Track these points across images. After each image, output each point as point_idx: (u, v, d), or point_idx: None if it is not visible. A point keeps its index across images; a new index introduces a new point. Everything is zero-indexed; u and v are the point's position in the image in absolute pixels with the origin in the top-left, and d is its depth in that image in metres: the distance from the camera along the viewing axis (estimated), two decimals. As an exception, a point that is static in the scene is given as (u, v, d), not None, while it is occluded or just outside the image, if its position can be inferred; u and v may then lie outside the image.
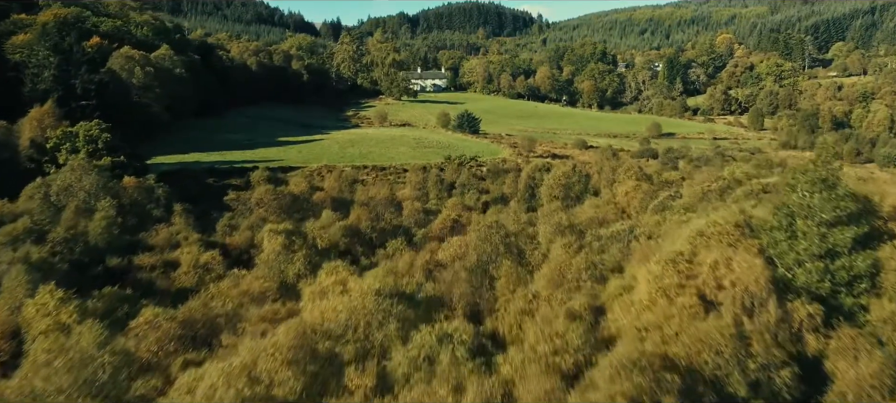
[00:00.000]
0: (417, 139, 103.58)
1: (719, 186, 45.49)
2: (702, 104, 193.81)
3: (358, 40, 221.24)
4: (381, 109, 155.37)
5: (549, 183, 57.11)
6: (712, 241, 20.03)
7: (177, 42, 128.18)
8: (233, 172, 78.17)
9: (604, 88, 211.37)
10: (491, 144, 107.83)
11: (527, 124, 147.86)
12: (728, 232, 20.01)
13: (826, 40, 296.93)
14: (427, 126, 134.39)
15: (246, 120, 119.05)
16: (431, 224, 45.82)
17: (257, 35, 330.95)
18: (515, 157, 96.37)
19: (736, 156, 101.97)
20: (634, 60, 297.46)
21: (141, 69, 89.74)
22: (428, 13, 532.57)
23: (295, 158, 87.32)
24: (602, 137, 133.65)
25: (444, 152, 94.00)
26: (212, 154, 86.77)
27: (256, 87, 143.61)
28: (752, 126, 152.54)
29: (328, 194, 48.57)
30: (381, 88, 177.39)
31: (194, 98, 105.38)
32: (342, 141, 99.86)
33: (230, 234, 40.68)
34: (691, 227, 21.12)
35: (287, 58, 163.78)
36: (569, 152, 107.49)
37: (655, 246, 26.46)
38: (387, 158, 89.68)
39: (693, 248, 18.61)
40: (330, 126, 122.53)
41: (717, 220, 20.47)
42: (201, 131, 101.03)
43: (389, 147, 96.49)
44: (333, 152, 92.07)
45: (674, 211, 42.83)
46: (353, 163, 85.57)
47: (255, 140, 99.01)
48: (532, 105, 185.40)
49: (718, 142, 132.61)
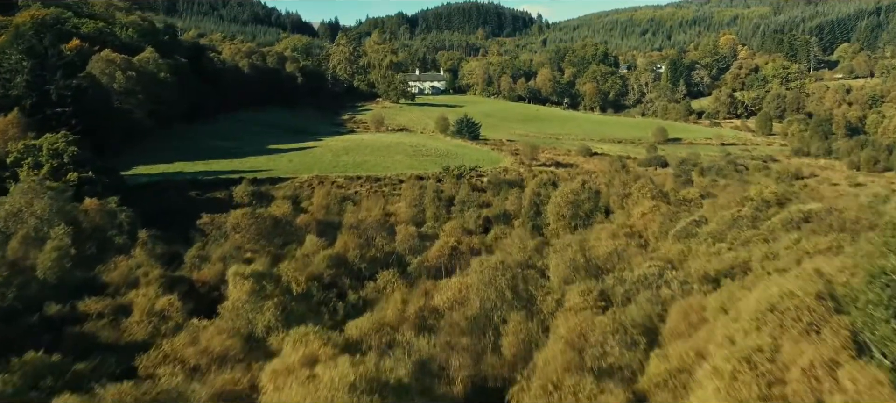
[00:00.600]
0: (415, 147, 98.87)
1: (749, 209, 40.85)
2: (707, 107, 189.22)
3: (355, 41, 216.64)
4: (378, 112, 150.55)
5: (556, 201, 52.41)
6: (788, 318, 15.34)
7: (165, 44, 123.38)
8: (217, 183, 73.39)
9: (606, 90, 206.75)
10: (491, 152, 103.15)
11: (528, 129, 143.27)
12: (809, 308, 15.31)
13: (830, 41, 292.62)
14: (425, 131, 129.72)
15: (236, 125, 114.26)
16: (428, 251, 41.12)
17: (253, 35, 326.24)
18: (517, 165, 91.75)
19: (748, 165, 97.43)
20: (636, 61, 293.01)
21: (122, 73, 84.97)
22: (427, 13, 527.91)
23: (285, 167, 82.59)
24: (606, 142, 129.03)
25: (442, 161, 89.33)
26: (197, 163, 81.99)
27: (248, 90, 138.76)
28: (761, 131, 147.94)
29: (314, 216, 43.88)
30: (378, 91, 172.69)
31: (181, 103, 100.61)
32: (336, 149, 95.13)
33: (199, 266, 35.96)
34: (758, 296, 16.37)
35: (281, 60, 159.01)
36: (573, 159, 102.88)
37: (698, 305, 21.78)
38: (382, 167, 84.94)
39: (773, 338, 13.90)
40: (324, 132, 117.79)
41: (793, 290, 15.73)
42: (188, 138, 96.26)
43: (385, 155, 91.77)
44: (326, 160, 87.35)
45: (700, 239, 38.15)
46: (345, 173, 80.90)
47: (243, 148, 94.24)
48: (533, 108, 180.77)
49: (727, 147, 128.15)
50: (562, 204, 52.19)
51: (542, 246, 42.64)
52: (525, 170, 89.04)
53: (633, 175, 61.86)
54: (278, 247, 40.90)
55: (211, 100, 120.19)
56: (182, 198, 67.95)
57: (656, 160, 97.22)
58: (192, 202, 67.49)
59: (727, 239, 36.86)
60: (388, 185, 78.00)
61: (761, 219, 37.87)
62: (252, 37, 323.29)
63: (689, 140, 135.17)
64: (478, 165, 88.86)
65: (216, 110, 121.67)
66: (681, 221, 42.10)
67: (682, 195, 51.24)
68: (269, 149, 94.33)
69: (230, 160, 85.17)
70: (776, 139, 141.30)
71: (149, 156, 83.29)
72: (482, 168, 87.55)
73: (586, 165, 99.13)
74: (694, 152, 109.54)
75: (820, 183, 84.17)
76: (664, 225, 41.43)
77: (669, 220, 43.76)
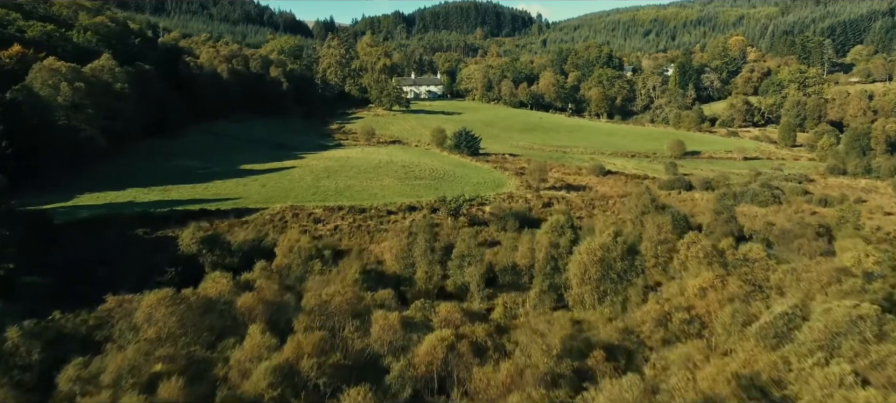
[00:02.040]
0: (407, 167, 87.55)
1: (856, 291, 29.63)
2: (720, 113, 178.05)
3: (347, 43, 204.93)
4: (369, 121, 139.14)
5: (580, 259, 41.15)
6: None
7: (132, 48, 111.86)
8: (172, 217, 61.99)
9: (612, 95, 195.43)
10: (493, 171, 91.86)
11: (532, 140, 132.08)
12: None
13: (842, 43, 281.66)
14: (420, 143, 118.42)
15: (209, 139, 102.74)
16: (415, 349, 29.85)
17: (243, 36, 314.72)
18: (524, 189, 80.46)
19: (783, 187, 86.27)
20: (641, 63, 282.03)
21: (68, 85, 73.44)
22: (424, 12, 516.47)
23: (255, 195, 71.24)
24: (618, 156, 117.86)
25: (437, 187, 78.05)
26: (153, 190, 70.59)
27: (227, 98, 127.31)
28: (784, 142, 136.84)
29: (261, 296, 32.60)
30: (370, 97, 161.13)
31: (143, 116, 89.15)
32: (317, 170, 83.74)
33: (83, 392, 24.60)
34: None
35: (265, 64, 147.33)
36: (585, 179, 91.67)
37: None
38: (368, 194, 73.60)
39: None
40: (307, 146, 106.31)
41: None
42: (149, 158, 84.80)
43: (373, 178, 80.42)
44: (305, 185, 75.98)
45: (801, 348, 26.90)
46: (325, 202, 69.57)
47: (212, 168, 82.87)
48: (536, 116, 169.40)
49: (751, 162, 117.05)
50: (588, 263, 40.92)
51: (575, 339, 31.43)
52: (533, 196, 77.79)
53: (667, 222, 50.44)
54: (207, 346, 29.58)
55: (183, 110, 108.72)
56: (124, 239, 56.59)
57: (680, 182, 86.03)
58: (136, 244, 56.25)
59: (846, 351, 25.71)
60: (374, 217, 66.73)
61: (887, 326, 26.61)
62: (242, 37, 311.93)
63: (707, 153, 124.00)
64: (478, 191, 77.57)
65: (188, 122, 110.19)
66: (759, 307, 30.82)
67: (743, 254, 39.96)
68: (241, 170, 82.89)
69: (193, 186, 73.78)
70: (802, 152, 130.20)
71: (99, 181, 71.91)
72: (484, 194, 76.26)
73: (601, 186, 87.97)
74: (721, 173, 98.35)
75: (873, 213, 73.06)
76: (735, 316, 30.13)
77: (739, 300, 32.49)
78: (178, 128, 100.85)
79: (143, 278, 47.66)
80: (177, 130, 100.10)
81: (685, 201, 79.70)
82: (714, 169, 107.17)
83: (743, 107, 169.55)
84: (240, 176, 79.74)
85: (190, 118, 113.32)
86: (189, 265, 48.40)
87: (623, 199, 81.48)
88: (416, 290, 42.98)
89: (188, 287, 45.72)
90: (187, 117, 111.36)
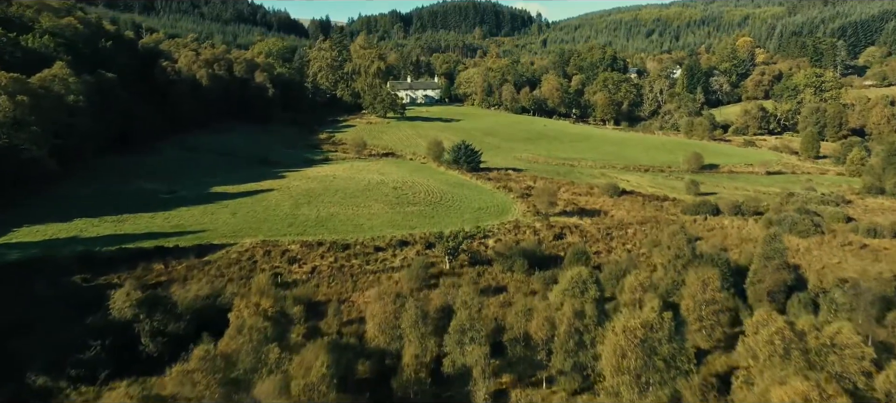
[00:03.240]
0: (399, 189, 78.01)
1: None
2: (733, 119, 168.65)
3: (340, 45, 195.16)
4: (361, 131, 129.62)
5: (616, 342, 31.73)
6: None
7: (100, 53, 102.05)
8: (119, 259, 52.45)
9: (618, 100, 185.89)
10: (496, 191, 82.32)
11: (537, 151, 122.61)
12: None
13: (854, 44, 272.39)
14: (415, 156, 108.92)
15: (181, 155, 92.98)
16: None
17: (234, 36, 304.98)
18: (531, 216, 70.93)
19: (821, 212, 76.89)
20: (646, 64, 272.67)
21: (9, 99, 63.77)
22: (422, 12, 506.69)
23: (224, 227, 61.70)
24: (631, 171, 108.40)
25: (433, 213, 68.55)
26: (105, 221, 61.03)
27: (207, 106, 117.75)
28: (806, 153, 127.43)
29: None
30: (363, 103, 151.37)
31: (104, 130, 79.57)
32: (298, 193, 74.15)
33: None
34: None
35: (251, 67, 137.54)
36: (599, 201, 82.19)
37: None
38: (354, 224, 64.05)
39: None
40: (291, 161, 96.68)
41: None
42: (106, 180, 75.07)
43: (360, 204, 70.84)
44: (281, 213, 66.43)
45: None
46: (303, 236, 60.07)
47: (179, 191, 73.26)
48: (540, 123, 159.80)
49: (774, 177, 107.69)
50: (626, 347, 31.46)
51: None
52: (542, 224, 68.26)
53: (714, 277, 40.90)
54: None
55: (154, 122, 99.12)
56: (55, 290, 46.93)
57: (706, 206, 76.57)
58: (69, 297, 46.50)
59: None
60: (359, 254, 57.27)
61: None
62: (233, 37, 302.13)
63: (726, 166, 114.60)
64: (480, 219, 68.05)
65: (162, 134, 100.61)
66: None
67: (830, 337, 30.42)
68: (211, 194, 73.25)
69: (153, 215, 64.19)
70: (828, 165, 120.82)
71: (41, 211, 62.23)
72: (486, 224, 66.73)
73: (616, 209, 78.54)
74: (750, 194, 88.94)
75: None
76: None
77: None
78: (146, 142, 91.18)
79: (63, 354, 38.28)
80: (145, 144, 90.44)
81: (714, 231, 70.29)
82: (737, 186, 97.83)
83: (758, 113, 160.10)
84: (209, 201, 70.11)
85: (165, 130, 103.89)
86: (122, 335, 38.97)
87: (643, 227, 72.18)
88: (404, 378, 33.41)
89: (119, 368, 36.77)
90: (161, 129, 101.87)
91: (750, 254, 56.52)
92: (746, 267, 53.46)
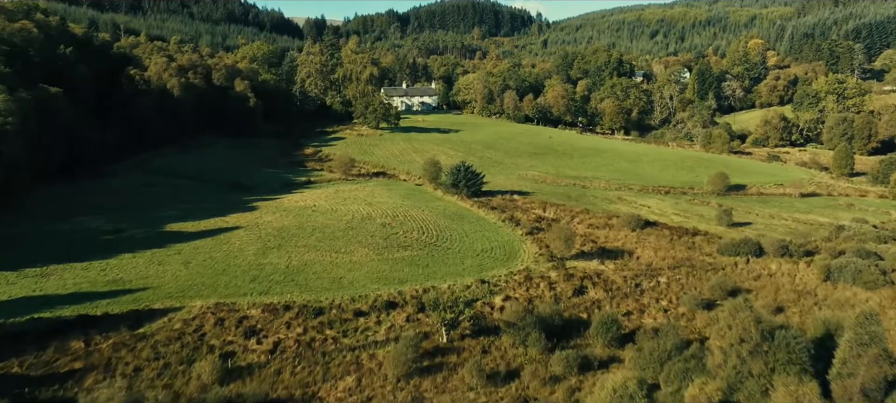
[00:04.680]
0: (388, 227, 66.62)
1: None
2: (752, 129, 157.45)
3: (330, 49, 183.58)
4: (351, 145, 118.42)
5: None
6: None
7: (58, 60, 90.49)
8: (29, 334, 41.10)
9: (628, 107, 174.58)
10: (501, 226, 70.92)
11: (544, 167, 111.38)
12: None
13: (869, 47, 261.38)
14: (410, 176, 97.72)
15: (140, 180, 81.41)
16: None
17: (224, 37, 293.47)
18: (545, 263, 59.55)
19: (881, 252, 65.57)
20: (652, 67, 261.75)
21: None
22: (419, 11, 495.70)
23: (172, 281, 50.40)
24: (651, 193, 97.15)
25: (427, 260, 57.10)
26: (24, 276, 49.75)
27: (179, 119, 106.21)
28: (839, 170, 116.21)
29: None
30: (354, 112, 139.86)
31: (44, 156, 68.11)
32: (268, 232, 62.77)
33: None
34: None
35: (231, 75, 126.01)
36: (620, 236, 70.89)
37: None
38: (330, 278, 52.69)
39: None
40: (267, 185, 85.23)
41: None
42: (40, 218, 63.60)
43: (341, 247, 59.46)
44: (245, 261, 55.07)
45: None
46: (267, 295, 48.73)
47: (126, 230, 61.82)
48: (545, 134, 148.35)
49: (809, 201, 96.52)
50: None
51: None
52: (558, 275, 56.97)
53: (812, 391, 29.71)
54: None
55: (114, 141, 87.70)
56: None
57: (747, 246, 65.17)
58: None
59: None
60: (335, 322, 45.95)
61: None
62: (223, 38, 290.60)
63: (755, 187, 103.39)
64: (484, 266, 56.67)
65: (121, 155, 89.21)
66: None
67: None
68: (165, 233, 61.84)
69: (88, 264, 52.83)
70: (865, 185, 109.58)
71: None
72: (491, 274, 55.39)
73: (642, 248, 67.20)
74: (789, 226, 77.74)
75: None
76: None
77: None
78: (99, 166, 79.63)
79: None
80: (97, 169, 78.89)
81: (761, 281, 58.95)
82: (772, 214, 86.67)
83: (779, 123, 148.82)
84: (161, 243, 58.70)
85: (128, 149, 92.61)
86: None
87: (677, 273, 61.00)
88: None
89: None
90: (123, 149, 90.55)
91: (819, 322, 45.41)
92: (820, 338, 42.41)
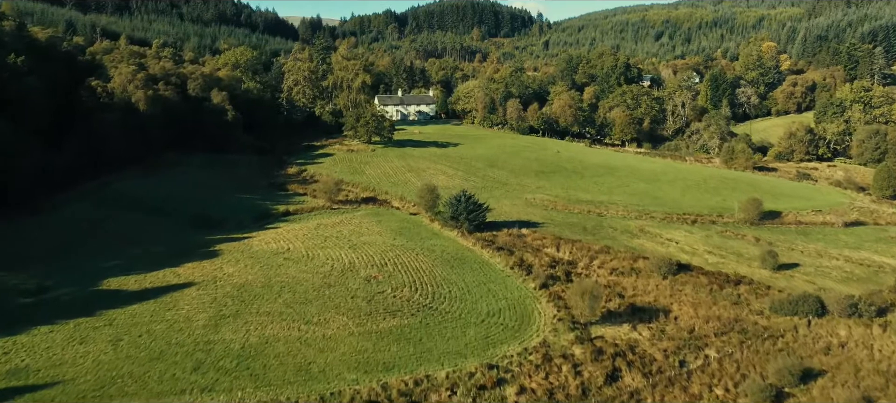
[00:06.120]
0: (372, 283, 55.17)
1: None
2: (776, 143, 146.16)
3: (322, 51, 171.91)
4: (339, 163, 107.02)
5: None
6: None
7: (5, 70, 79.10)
8: None
9: (639, 116, 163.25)
10: (510, 275, 59.53)
11: (553, 189, 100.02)
12: None
13: (887, 50, 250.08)
14: (404, 202, 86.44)
15: (87, 214, 69.88)
16: None
17: (214, 38, 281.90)
18: (567, 337, 48.08)
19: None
20: (660, 71, 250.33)
21: None
22: (417, 11, 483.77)
23: (88, 374, 39.11)
24: (676, 222, 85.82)
25: (420, 331, 45.58)
26: None
27: (145, 136, 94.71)
28: (880, 191, 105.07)
29: None
30: (344, 125, 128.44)
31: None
32: (226, 291, 51.33)
33: None
34: None
35: (207, 85, 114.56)
36: (650, 287, 59.65)
37: None
38: (295, 366, 41.25)
39: None
40: (235, 221, 73.57)
41: None
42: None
43: (313, 314, 48.03)
44: (191, 338, 43.64)
45: None
46: (207, 397, 37.26)
47: (54, 288, 50.45)
48: (552, 148, 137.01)
49: (855, 231, 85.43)
50: None
51: None
52: (582, 351, 45.65)
53: None
54: None
55: (64, 164, 76.36)
56: None
57: (806, 304, 53.96)
58: None
59: None
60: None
61: None
62: (212, 39, 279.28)
63: (791, 214, 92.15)
64: (490, 339, 45.26)
65: (74, 181, 77.83)
66: None
67: None
68: (99, 293, 50.43)
69: (-12, 345, 41.45)
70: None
71: None
72: (500, 352, 43.98)
73: (678, 305, 55.91)
74: (844, 269, 66.51)
75: None
76: None
77: None
78: (39, 197, 68.13)
79: None
80: (36, 201, 67.38)
81: (833, 356, 47.63)
82: (819, 251, 75.50)
83: (805, 136, 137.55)
84: (91, 309, 47.31)
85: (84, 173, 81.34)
86: None
87: (727, 343, 49.84)
88: None
89: None
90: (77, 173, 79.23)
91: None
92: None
